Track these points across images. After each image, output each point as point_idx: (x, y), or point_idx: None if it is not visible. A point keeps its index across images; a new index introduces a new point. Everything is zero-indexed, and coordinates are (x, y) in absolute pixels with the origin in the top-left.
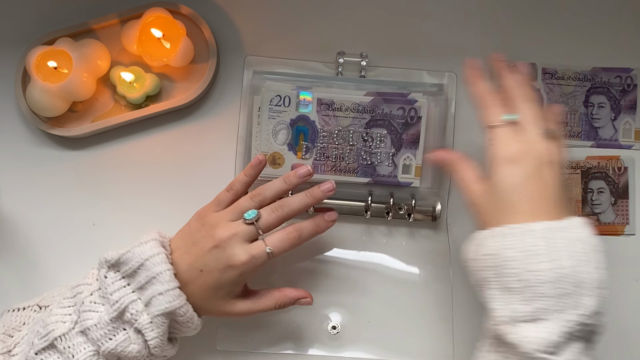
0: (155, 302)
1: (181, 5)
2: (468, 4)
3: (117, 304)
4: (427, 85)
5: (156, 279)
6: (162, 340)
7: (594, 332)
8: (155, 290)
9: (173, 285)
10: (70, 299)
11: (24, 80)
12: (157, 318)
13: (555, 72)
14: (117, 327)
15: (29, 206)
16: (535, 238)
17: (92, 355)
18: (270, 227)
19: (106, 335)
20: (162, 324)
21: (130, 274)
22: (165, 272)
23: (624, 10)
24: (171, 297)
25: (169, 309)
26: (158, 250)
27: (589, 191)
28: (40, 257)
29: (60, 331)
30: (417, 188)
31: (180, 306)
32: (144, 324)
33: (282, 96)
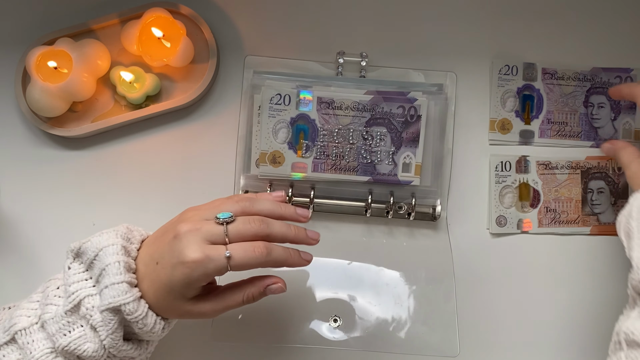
0: (102, 296)
1: (181, 5)
2: (468, 4)
3: (73, 296)
4: (426, 85)
5: (105, 270)
6: (114, 339)
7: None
8: (104, 283)
9: (120, 278)
10: (39, 294)
11: (24, 81)
12: (104, 314)
13: (555, 72)
14: (73, 322)
15: (29, 206)
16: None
17: (50, 352)
18: (240, 237)
19: (61, 330)
20: (110, 320)
21: (89, 264)
22: (114, 264)
23: (624, 9)
24: (116, 291)
25: (113, 304)
26: (113, 241)
27: (589, 191)
28: (40, 257)
29: (22, 325)
30: (417, 187)
31: (125, 302)
32: (97, 320)
33: (282, 95)
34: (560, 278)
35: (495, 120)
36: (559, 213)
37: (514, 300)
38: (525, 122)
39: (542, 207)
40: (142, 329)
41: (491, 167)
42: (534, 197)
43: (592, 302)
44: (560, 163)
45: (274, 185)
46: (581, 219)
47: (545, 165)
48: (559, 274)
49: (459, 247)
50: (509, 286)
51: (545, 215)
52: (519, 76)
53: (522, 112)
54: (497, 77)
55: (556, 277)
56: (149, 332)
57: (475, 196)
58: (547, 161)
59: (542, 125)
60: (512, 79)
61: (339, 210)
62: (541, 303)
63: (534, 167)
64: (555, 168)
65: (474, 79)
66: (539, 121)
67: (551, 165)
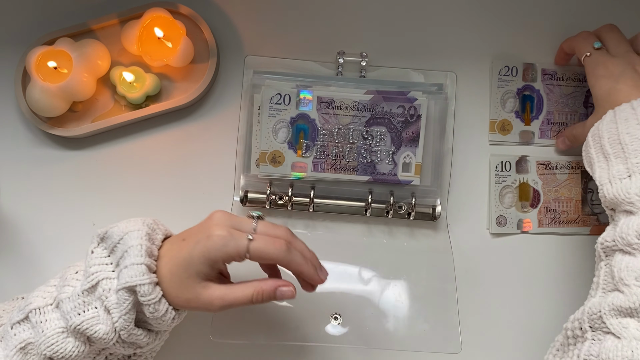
0: (120, 276)
1: (181, 5)
2: (467, 4)
3: (92, 276)
4: (426, 84)
5: (127, 252)
6: (126, 321)
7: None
8: (124, 264)
9: (140, 260)
10: (57, 278)
11: (24, 81)
12: (120, 293)
13: (555, 73)
14: (88, 303)
15: (29, 206)
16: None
17: (61, 332)
18: (266, 235)
19: (76, 308)
20: (125, 300)
21: (112, 248)
22: (136, 247)
23: (623, 11)
24: (135, 271)
25: (129, 283)
26: (139, 227)
27: (589, 191)
28: (40, 257)
29: (36, 304)
30: (417, 186)
31: (142, 283)
32: (112, 302)
33: (282, 94)
34: (560, 278)
35: (495, 121)
36: (559, 213)
37: (514, 299)
38: (525, 123)
39: (542, 207)
40: (153, 314)
41: (491, 167)
42: (534, 197)
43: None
44: (560, 163)
45: (274, 185)
46: (581, 219)
47: (545, 165)
48: (559, 273)
49: (459, 246)
50: (508, 285)
51: (545, 215)
52: (519, 77)
53: (522, 113)
54: (497, 77)
55: (556, 276)
56: (159, 319)
57: (476, 196)
58: (547, 161)
59: (542, 126)
60: (512, 80)
61: (338, 210)
62: (541, 302)
63: (534, 167)
64: (555, 168)
65: (474, 79)
66: (539, 122)
67: (551, 165)
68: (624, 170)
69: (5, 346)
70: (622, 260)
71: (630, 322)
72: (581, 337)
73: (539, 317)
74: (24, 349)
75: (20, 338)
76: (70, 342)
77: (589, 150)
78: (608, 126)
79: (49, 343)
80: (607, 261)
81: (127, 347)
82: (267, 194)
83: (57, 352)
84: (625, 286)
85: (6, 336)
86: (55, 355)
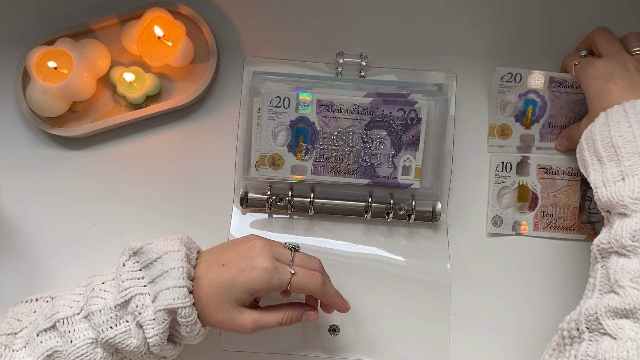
0: (160, 297)
1: (181, 5)
2: (467, 4)
3: (126, 292)
4: (426, 85)
5: (168, 273)
6: (161, 338)
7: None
8: (164, 285)
9: (182, 283)
10: (83, 287)
11: (24, 80)
12: (159, 313)
13: (565, 81)
14: (120, 317)
15: (29, 206)
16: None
17: (91, 343)
18: (302, 266)
19: (108, 322)
20: (164, 321)
21: (147, 265)
22: (179, 269)
23: (628, 18)
24: (178, 294)
25: (172, 305)
26: (178, 248)
27: (587, 199)
28: (40, 257)
29: (64, 314)
30: (416, 189)
31: (184, 305)
32: (147, 319)
33: (282, 97)
34: (554, 280)
35: (494, 126)
36: (555, 218)
37: (507, 300)
38: (526, 127)
39: (539, 211)
40: (188, 334)
41: (491, 167)
42: (532, 201)
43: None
44: (560, 169)
45: (274, 188)
46: (577, 226)
47: (545, 169)
48: (553, 276)
49: (458, 248)
50: (503, 287)
51: (542, 219)
52: (523, 83)
53: (522, 117)
54: (499, 84)
55: (550, 279)
56: (191, 337)
57: (476, 197)
58: (548, 166)
59: (543, 129)
60: (515, 86)
61: (338, 212)
62: (535, 304)
63: (535, 171)
64: (556, 173)
65: (474, 79)
66: (540, 125)
67: (552, 170)
68: (618, 173)
69: (32, 352)
70: (617, 262)
71: (626, 323)
72: (578, 337)
73: (533, 318)
74: (51, 356)
75: (47, 346)
76: (99, 352)
77: (583, 153)
78: (601, 129)
79: (78, 353)
80: (603, 263)
81: (152, 358)
82: (267, 196)
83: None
84: (621, 288)
85: (32, 342)
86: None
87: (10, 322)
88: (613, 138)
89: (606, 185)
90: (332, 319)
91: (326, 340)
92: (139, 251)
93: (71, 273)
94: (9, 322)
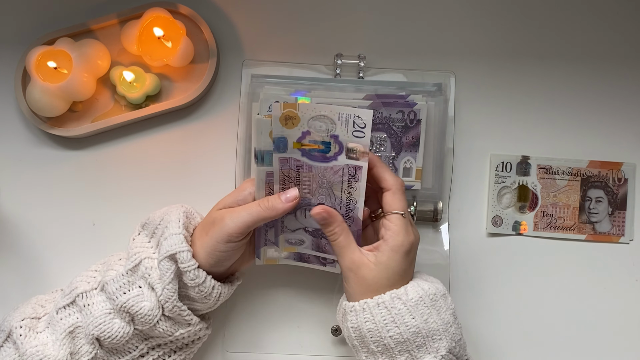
0: (161, 247)
1: (181, 5)
2: (466, 3)
3: (134, 257)
4: (425, 85)
5: (167, 227)
6: (170, 291)
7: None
8: (164, 237)
9: (178, 231)
10: (100, 264)
11: (24, 80)
12: (162, 262)
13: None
14: (132, 282)
15: (29, 206)
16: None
17: (109, 312)
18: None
19: (121, 288)
20: (167, 270)
21: (153, 232)
22: (175, 221)
23: (629, 18)
24: (173, 240)
25: (170, 252)
26: (177, 208)
27: (587, 199)
28: (40, 257)
29: (82, 288)
30: (418, 190)
31: (181, 250)
32: (155, 278)
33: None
34: (553, 281)
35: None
36: (555, 218)
37: (508, 301)
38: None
39: (539, 211)
40: (194, 281)
41: (492, 167)
42: (532, 201)
43: (589, 306)
44: (561, 169)
45: None
46: (577, 226)
47: (546, 169)
48: (552, 276)
49: (459, 248)
50: (503, 286)
51: (542, 219)
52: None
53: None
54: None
55: (549, 279)
56: (200, 287)
57: (476, 197)
58: (548, 166)
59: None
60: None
61: None
62: (537, 304)
63: (535, 171)
64: (556, 173)
65: (473, 78)
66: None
67: (552, 170)
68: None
69: (54, 331)
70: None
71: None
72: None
73: (533, 318)
74: (72, 332)
75: (68, 322)
76: (117, 322)
77: (353, 342)
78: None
79: (96, 323)
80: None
81: (170, 327)
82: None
83: (104, 331)
84: None
85: (52, 322)
86: (102, 335)
87: (34, 307)
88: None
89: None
90: (334, 320)
91: (329, 340)
92: (145, 222)
93: (71, 273)
94: (33, 307)
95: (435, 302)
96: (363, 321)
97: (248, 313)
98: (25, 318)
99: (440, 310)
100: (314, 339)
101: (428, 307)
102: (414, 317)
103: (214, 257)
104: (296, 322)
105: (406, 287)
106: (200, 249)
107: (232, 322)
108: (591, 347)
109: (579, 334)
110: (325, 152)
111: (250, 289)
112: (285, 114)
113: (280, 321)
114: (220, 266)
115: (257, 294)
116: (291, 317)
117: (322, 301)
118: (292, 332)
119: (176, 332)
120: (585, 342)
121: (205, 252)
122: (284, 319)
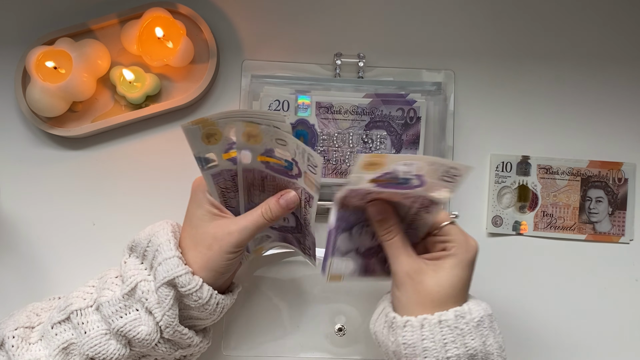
0: (157, 274)
1: (181, 5)
2: (467, 3)
3: (129, 280)
4: (425, 84)
5: (158, 250)
6: (171, 317)
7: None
8: (157, 261)
9: (171, 254)
10: (97, 280)
11: (24, 80)
12: (160, 289)
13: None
14: (129, 306)
15: (29, 206)
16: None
17: (104, 333)
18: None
19: (117, 312)
20: (167, 296)
21: (143, 254)
22: (165, 243)
23: (629, 18)
24: (169, 265)
25: (167, 277)
26: (163, 226)
27: (587, 199)
28: (40, 257)
29: (77, 305)
30: None
31: (178, 275)
32: (153, 302)
33: (281, 101)
34: (554, 281)
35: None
36: (555, 218)
37: (508, 301)
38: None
39: (539, 211)
40: (197, 302)
41: (491, 167)
42: (532, 201)
43: (589, 306)
44: (561, 169)
45: None
46: (577, 226)
47: (546, 169)
48: (553, 276)
49: None
50: (503, 286)
51: (542, 219)
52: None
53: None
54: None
55: (549, 279)
56: (204, 306)
57: (476, 197)
58: (549, 166)
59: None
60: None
61: None
62: (537, 304)
63: (535, 170)
64: (556, 173)
65: (472, 77)
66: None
67: (552, 170)
68: None
69: (47, 345)
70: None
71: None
72: None
73: (533, 318)
74: (66, 349)
75: (63, 338)
76: (112, 344)
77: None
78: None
79: (91, 344)
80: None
81: (169, 348)
82: None
83: (99, 352)
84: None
85: (47, 335)
86: (97, 356)
87: (29, 315)
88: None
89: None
90: (337, 319)
91: (332, 340)
92: (132, 245)
93: (71, 273)
94: (28, 315)
95: (492, 324)
96: (420, 339)
97: (247, 314)
98: (18, 327)
99: (495, 332)
100: (316, 339)
101: (487, 328)
102: (474, 339)
103: (218, 271)
104: (297, 321)
105: (469, 305)
106: (198, 265)
107: (232, 323)
108: (591, 347)
109: (579, 333)
110: (289, 168)
111: (250, 289)
112: (247, 132)
113: (279, 322)
114: (221, 279)
115: (257, 293)
116: (291, 317)
117: (322, 301)
118: (292, 332)
119: (175, 352)
120: (586, 342)
121: (207, 266)
122: (284, 319)
